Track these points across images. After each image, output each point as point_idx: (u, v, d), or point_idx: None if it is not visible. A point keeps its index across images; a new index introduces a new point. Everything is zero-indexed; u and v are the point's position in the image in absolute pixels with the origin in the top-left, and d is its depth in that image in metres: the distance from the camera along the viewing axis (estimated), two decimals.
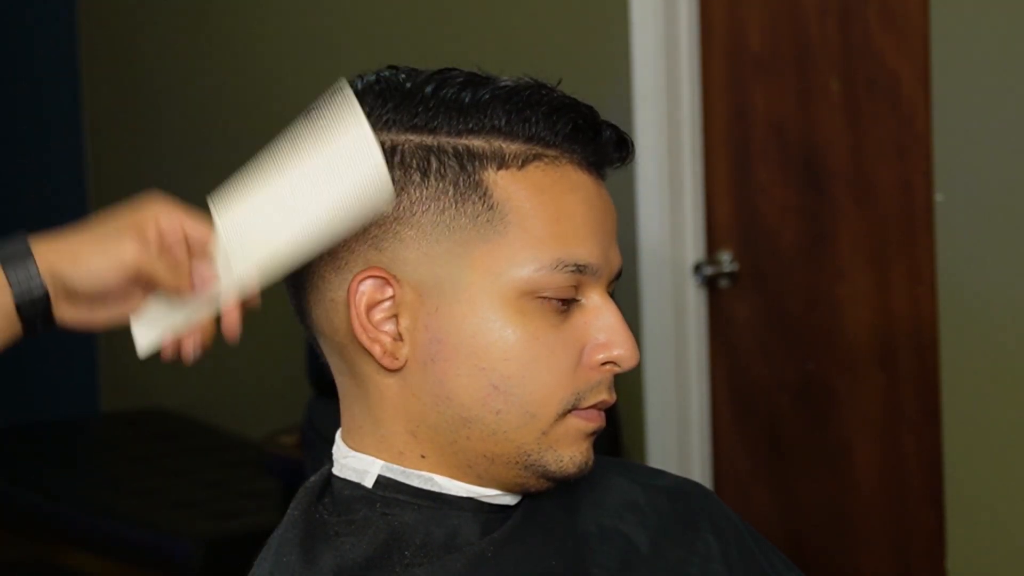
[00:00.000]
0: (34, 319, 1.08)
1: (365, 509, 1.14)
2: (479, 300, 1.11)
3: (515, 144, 1.13)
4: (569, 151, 1.15)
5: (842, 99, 2.80)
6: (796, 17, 2.86)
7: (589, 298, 1.14)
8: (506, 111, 1.13)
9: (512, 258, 1.11)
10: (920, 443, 2.74)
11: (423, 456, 1.14)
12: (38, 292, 1.07)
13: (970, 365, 2.57)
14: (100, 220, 1.10)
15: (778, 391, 2.95)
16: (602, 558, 1.18)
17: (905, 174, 2.72)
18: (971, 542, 2.60)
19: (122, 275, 1.08)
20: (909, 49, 2.68)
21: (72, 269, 1.08)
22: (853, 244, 2.81)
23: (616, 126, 1.17)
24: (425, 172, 1.12)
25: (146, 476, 3.82)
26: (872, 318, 2.78)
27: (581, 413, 1.14)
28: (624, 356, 1.14)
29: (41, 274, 1.07)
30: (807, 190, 2.87)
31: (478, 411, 1.12)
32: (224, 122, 3.98)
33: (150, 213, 1.09)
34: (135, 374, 4.26)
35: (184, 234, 1.09)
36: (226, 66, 3.99)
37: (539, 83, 1.15)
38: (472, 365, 1.11)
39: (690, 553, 1.22)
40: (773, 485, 2.98)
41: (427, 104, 1.14)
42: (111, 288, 1.08)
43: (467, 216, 1.12)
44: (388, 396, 1.14)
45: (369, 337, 1.12)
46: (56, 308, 1.09)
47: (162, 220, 1.09)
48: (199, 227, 1.10)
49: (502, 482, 1.15)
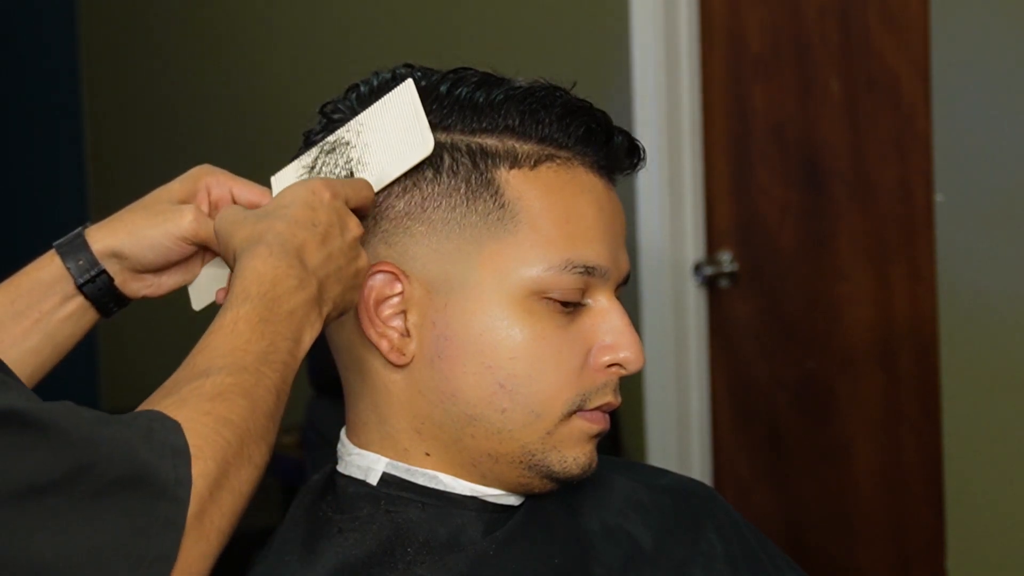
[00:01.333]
0: (103, 299, 1.17)
1: (369, 507, 1.14)
2: (488, 298, 1.11)
3: (528, 144, 1.14)
4: (581, 154, 1.15)
5: (842, 99, 2.80)
6: (796, 17, 2.86)
7: (596, 300, 1.15)
8: (520, 111, 1.14)
9: (521, 257, 1.12)
10: (920, 443, 2.74)
11: (428, 454, 1.14)
12: (97, 272, 1.15)
13: (970, 365, 2.57)
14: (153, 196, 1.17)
15: (778, 391, 2.95)
16: (606, 557, 1.19)
17: (905, 174, 2.72)
18: (971, 542, 2.60)
19: (181, 244, 1.15)
20: (909, 49, 2.69)
21: (132, 244, 1.14)
22: (853, 244, 2.81)
23: (628, 133, 1.18)
24: (438, 169, 1.13)
25: None
26: (872, 318, 2.79)
27: (586, 415, 1.14)
28: (630, 359, 1.14)
29: (98, 255, 1.15)
30: (807, 190, 2.87)
31: (483, 409, 1.12)
32: (225, 121, 3.98)
33: (202, 183, 1.17)
34: (135, 374, 4.26)
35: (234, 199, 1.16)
36: (227, 65, 3.99)
37: (553, 85, 1.16)
38: (479, 363, 1.11)
39: (693, 552, 1.23)
40: (773, 485, 2.98)
41: (441, 102, 1.14)
42: (173, 257, 1.16)
43: (478, 214, 1.12)
44: (394, 392, 1.14)
45: (377, 332, 1.13)
46: (123, 284, 1.17)
47: (213, 189, 1.17)
48: (250, 192, 1.17)
49: (506, 482, 1.15)
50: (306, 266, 1.04)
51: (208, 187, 1.17)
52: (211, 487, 0.91)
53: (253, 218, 1.08)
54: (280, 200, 1.09)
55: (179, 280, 1.19)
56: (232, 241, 1.08)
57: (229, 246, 1.08)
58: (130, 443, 0.88)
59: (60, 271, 1.15)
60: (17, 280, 1.17)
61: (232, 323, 1.00)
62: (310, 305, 1.04)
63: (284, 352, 1.01)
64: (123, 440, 0.88)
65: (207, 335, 1.00)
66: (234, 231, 1.08)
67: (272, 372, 0.99)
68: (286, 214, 1.07)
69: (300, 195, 1.09)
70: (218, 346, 0.98)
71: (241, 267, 1.04)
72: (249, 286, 1.02)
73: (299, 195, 1.09)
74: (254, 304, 1.01)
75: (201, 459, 0.91)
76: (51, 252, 1.17)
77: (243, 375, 0.97)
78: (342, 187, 1.10)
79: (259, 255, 1.04)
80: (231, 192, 1.17)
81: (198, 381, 0.95)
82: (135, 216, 1.15)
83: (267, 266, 1.03)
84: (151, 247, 1.14)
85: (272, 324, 1.01)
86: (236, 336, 0.99)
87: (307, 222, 1.07)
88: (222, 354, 0.98)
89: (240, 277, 1.03)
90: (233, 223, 1.09)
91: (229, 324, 1.00)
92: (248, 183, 1.18)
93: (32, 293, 1.16)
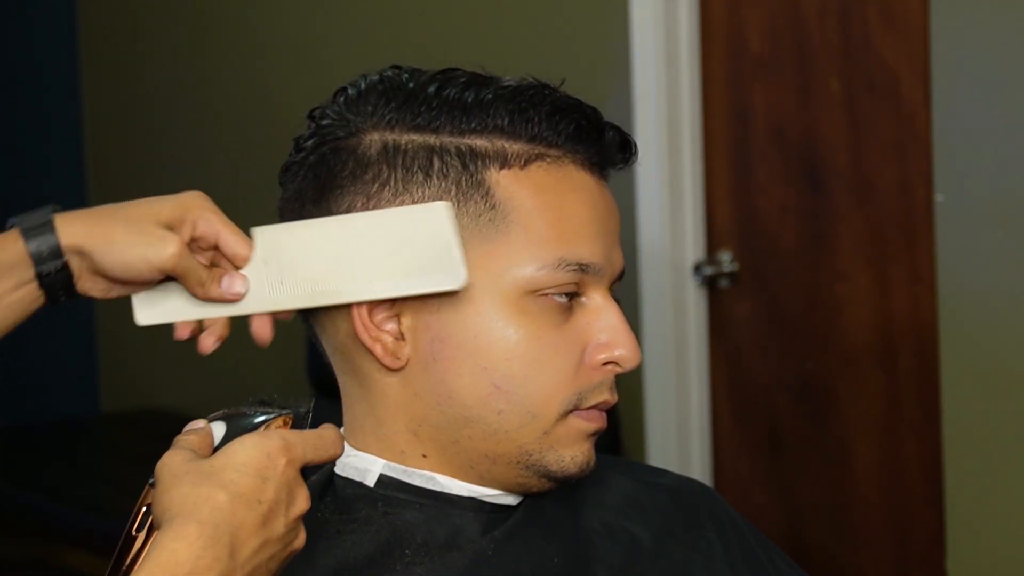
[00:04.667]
0: (56, 290, 1.10)
1: (367, 508, 1.14)
2: (481, 299, 1.11)
3: (518, 144, 1.13)
4: (572, 151, 1.15)
5: (842, 99, 2.80)
6: (796, 17, 2.86)
7: (591, 298, 1.14)
8: (509, 111, 1.13)
9: (514, 257, 1.11)
10: (920, 443, 2.74)
11: (425, 456, 1.14)
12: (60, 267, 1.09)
13: (970, 365, 2.56)
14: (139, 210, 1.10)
15: (778, 391, 2.95)
16: (606, 555, 1.18)
17: (905, 174, 2.72)
18: (971, 542, 2.60)
19: (154, 271, 1.09)
20: (909, 49, 2.68)
21: (104, 253, 1.09)
22: (853, 244, 2.81)
23: (619, 128, 1.17)
24: (428, 172, 1.12)
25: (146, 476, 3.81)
26: (872, 318, 2.78)
27: (582, 413, 1.14)
28: (626, 356, 1.14)
29: (64, 249, 1.08)
30: (807, 190, 2.87)
31: (480, 410, 1.12)
32: (224, 124, 3.98)
33: (191, 215, 1.10)
34: (135, 374, 4.26)
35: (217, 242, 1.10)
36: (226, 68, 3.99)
37: (542, 83, 1.15)
38: (474, 364, 1.11)
39: (693, 552, 1.23)
40: (773, 485, 2.98)
41: (430, 104, 1.14)
42: (140, 278, 1.10)
43: (469, 215, 1.12)
44: (390, 395, 1.14)
45: (371, 336, 1.12)
46: (79, 282, 1.10)
47: (200, 225, 1.10)
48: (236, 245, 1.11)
49: (503, 482, 1.15)
50: (235, 558, 0.95)
51: (195, 221, 1.10)
52: None
53: (192, 476, 0.98)
54: (231, 458, 0.99)
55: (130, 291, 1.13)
56: (165, 497, 0.98)
57: (161, 501, 0.98)
58: None
59: (21, 255, 1.09)
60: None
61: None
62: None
63: None
64: None
65: None
66: (172, 485, 0.98)
67: None
68: (232, 483, 0.97)
69: (253, 460, 0.98)
70: None
71: (162, 544, 0.95)
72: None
73: (252, 460, 0.98)
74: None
75: None
76: (13, 232, 1.10)
77: None
78: (304, 449, 1.01)
79: (185, 537, 0.94)
80: (217, 238, 1.10)
81: None
82: (115, 227, 1.09)
83: (189, 554, 0.94)
84: (123, 264, 1.08)
85: None
86: None
87: (252, 498, 0.97)
88: None
89: (155, 561, 0.94)
90: (174, 476, 0.99)
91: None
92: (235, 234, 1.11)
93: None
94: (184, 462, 1.00)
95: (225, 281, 1.11)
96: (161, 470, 1.00)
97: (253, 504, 0.97)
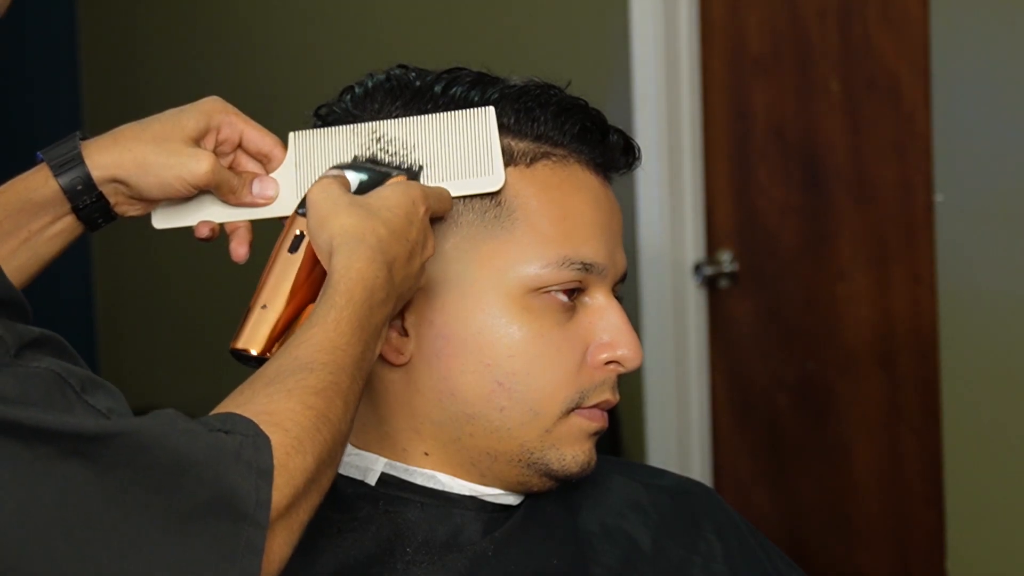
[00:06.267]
0: (95, 217, 1.15)
1: (368, 507, 1.14)
2: (486, 296, 1.11)
3: (523, 142, 1.14)
4: (577, 151, 1.15)
5: (842, 99, 2.80)
6: (796, 17, 2.86)
7: (594, 298, 1.15)
8: (515, 110, 1.14)
9: (519, 255, 1.12)
10: (920, 443, 2.74)
11: (426, 454, 1.14)
12: (96, 198, 1.13)
13: (970, 365, 2.57)
14: (164, 127, 1.14)
15: (778, 391, 2.95)
16: (604, 557, 1.18)
17: (905, 174, 2.72)
18: (971, 542, 2.60)
19: (190, 187, 1.13)
20: (909, 49, 2.68)
21: (140, 178, 1.13)
22: (853, 244, 2.81)
23: (624, 132, 1.18)
24: None
25: None
26: (872, 318, 2.78)
27: (584, 412, 1.14)
28: (628, 356, 1.14)
29: (98, 181, 1.13)
30: (807, 190, 2.87)
31: (482, 407, 1.12)
32: None
33: (214, 121, 1.15)
34: (135, 374, 4.26)
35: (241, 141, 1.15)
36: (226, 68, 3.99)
37: (548, 84, 1.16)
38: (477, 361, 1.11)
39: (692, 552, 1.22)
40: (773, 485, 2.98)
41: (436, 102, 1.15)
42: (176, 195, 1.14)
43: (474, 212, 1.13)
44: (392, 392, 1.14)
45: None
46: (116, 206, 1.15)
47: (224, 129, 1.15)
48: (262, 140, 1.16)
49: (505, 480, 1.15)
50: (393, 282, 1.03)
51: (219, 126, 1.15)
52: (307, 483, 0.91)
53: (356, 209, 1.05)
54: (383, 201, 1.06)
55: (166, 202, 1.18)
56: (330, 224, 1.04)
57: (324, 226, 1.04)
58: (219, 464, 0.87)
59: (54, 192, 1.13)
60: (3, 198, 1.15)
61: (335, 323, 0.98)
62: (389, 321, 1.04)
63: (368, 362, 1.01)
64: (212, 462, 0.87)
65: (309, 328, 0.98)
66: (334, 214, 1.04)
67: (361, 379, 0.99)
68: (389, 220, 1.04)
69: (403, 204, 1.06)
70: (321, 342, 0.97)
71: (346, 265, 1.01)
72: (354, 288, 1.00)
73: (402, 203, 1.06)
74: (355, 308, 0.99)
75: (302, 454, 0.91)
76: (43, 168, 1.14)
77: (341, 375, 0.96)
78: (434, 200, 1.09)
79: (364, 258, 1.02)
80: (241, 136, 1.15)
81: (303, 374, 0.95)
82: (145, 151, 1.13)
83: (370, 272, 1.01)
84: (160, 186, 1.13)
85: (366, 332, 1.00)
86: (339, 336, 0.98)
87: (403, 235, 1.05)
88: (325, 351, 0.97)
89: (345, 277, 1.00)
90: (335, 204, 1.05)
91: (332, 323, 0.98)
92: (260, 129, 1.16)
93: (22, 213, 1.14)
94: (343, 195, 1.06)
95: (256, 186, 1.16)
96: (319, 199, 1.06)
97: (403, 241, 1.05)
